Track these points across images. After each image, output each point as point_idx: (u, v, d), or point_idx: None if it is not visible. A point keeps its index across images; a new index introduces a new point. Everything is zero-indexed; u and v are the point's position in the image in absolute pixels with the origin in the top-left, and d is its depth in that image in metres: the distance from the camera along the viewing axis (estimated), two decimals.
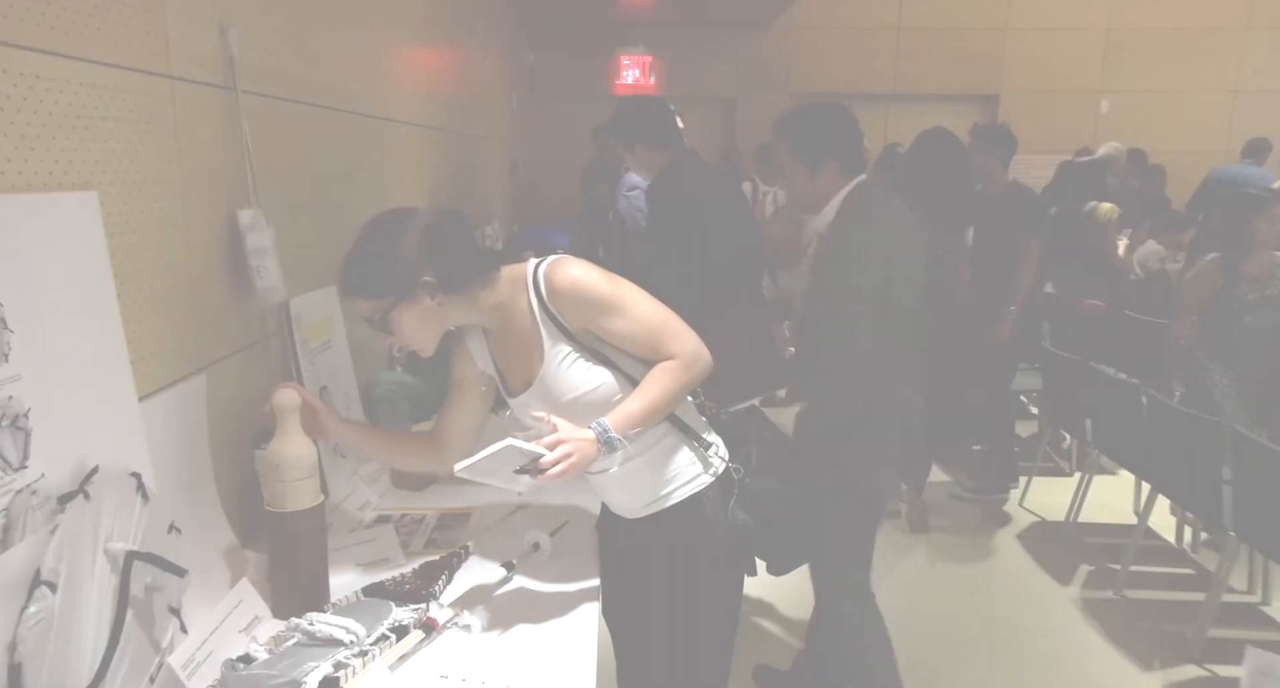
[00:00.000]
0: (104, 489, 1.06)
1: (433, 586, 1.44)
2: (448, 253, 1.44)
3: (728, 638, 1.69)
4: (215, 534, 1.46)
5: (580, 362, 1.48)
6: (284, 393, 1.37)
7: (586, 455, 1.37)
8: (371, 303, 1.42)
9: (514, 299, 1.49)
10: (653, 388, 1.48)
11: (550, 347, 1.48)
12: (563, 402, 1.48)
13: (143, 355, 1.29)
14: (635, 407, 1.45)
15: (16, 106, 1.03)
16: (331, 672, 1.15)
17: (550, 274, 1.46)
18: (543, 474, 1.33)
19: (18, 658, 0.91)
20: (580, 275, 1.46)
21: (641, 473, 1.55)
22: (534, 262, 1.50)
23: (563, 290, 1.45)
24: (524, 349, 1.52)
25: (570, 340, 1.47)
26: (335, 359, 2.00)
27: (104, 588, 1.04)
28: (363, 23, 2.46)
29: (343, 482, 1.86)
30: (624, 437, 1.40)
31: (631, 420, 1.43)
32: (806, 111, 2.23)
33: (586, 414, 1.43)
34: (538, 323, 1.48)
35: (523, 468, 1.33)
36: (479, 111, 4.77)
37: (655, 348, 1.48)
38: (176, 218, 1.39)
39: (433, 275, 1.41)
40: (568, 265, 1.47)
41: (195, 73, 1.45)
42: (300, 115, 1.95)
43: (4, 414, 0.96)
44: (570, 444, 1.35)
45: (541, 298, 1.46)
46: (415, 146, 3.15)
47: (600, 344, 1.49)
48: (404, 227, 1.43)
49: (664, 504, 1.59)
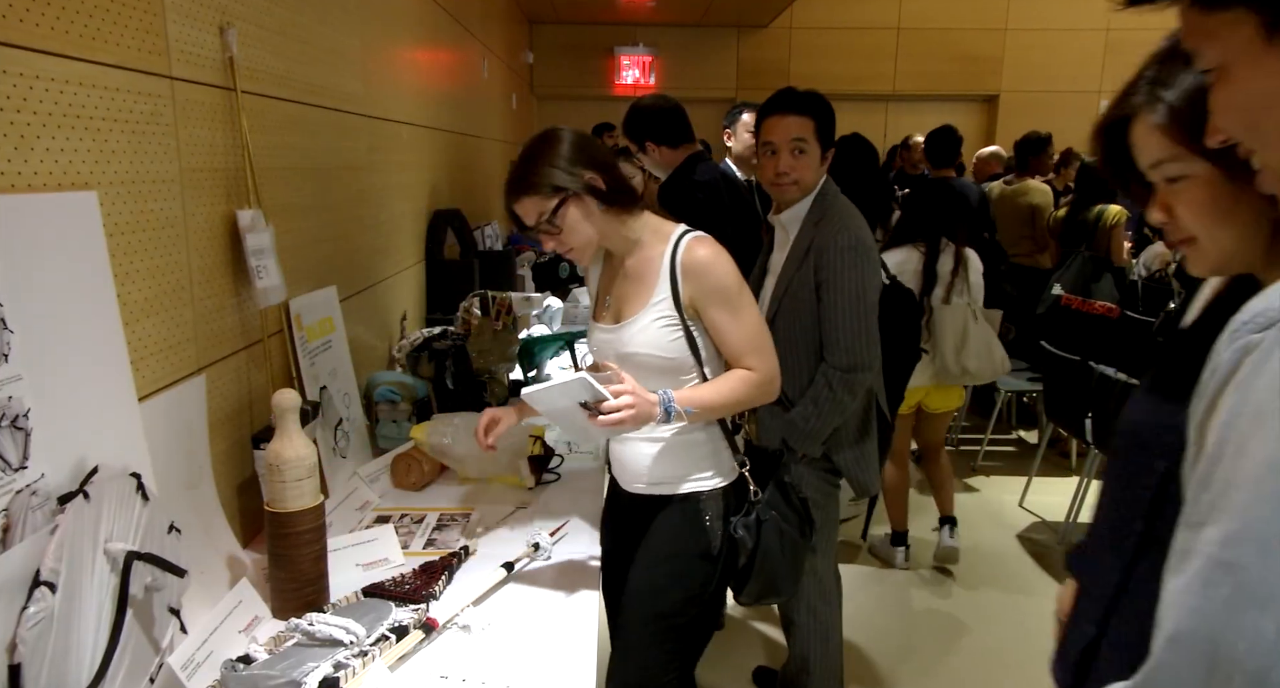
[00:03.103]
0: (104, 489, 1.06)
1: (433, 586, 1.44)
2: (608, 167, 1.60)
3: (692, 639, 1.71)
4: (215, 534, 1.46)
5: (669, 328, 1.57)
6: (284, 393, 1.37)
7: (644, 416, 1.45)
8: (543, 201, 1.55)
9: (650, 244, 1.62)
10: (726, 386, 1.58)
11: (655, 300, 1.58)
12: (625, 351, 1.60)
13: (143, 355, 1.29)
14: (706, 395, 1.55)
15: (16, 107, 1.03)
16: (331, 672, 1.15)
17: (693, 244, 1.58)
18: (598, 418, 1.42)
19: (17, 658, 0.91)
20: (717, 260, 1.57)
21: (671, 449, 1.60)
22: (684, 227, 1.64)
23: (697, 262, 1.56)
24: (632, 290, 1.63)
25: (675, 306, 1.57)
26: (335, 359, 2.00)
27: (104, 588, 1.04)
28: (363, 23, 2.46)
29: (343, 482, 1.86)
30: (685, 412, 1.50)
31: (697, 405, 1.52)
32: None
33: (642, 375, 1.52)
34: (658, 276, 1.59)
35: (584, 404, 1.42)
36: (479, 111, 4.77)
37: (740, 355, 1.59)
38: (176, 218, 1.39)
39: (600, 180, 1.56)
40: (712, 246, 1.59)
41: (195, 73, 1.45)
42: (300, 115, 1.95)
43: (4, 414, 0.96)
44: (634, 400, 1.43)
45: (675, 258, 1.57)
46: (415, 146, 3.15)
47: (695, 325, 1.59)
48: (567, 137, 1.59)
49: (669, 489, 1.62)
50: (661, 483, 1.64)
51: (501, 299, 2.74)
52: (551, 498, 1.90)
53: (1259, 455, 0.49)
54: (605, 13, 7.62)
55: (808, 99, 2.13)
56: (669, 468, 1.63)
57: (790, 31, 8.25)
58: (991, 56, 8.36)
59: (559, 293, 4.00)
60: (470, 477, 1.97)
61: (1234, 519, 0.50)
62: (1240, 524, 0.49)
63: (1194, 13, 0.67)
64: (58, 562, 0.96)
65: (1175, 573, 0.54)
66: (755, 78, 8.22)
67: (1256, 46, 0.62)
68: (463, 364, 2.33)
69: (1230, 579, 0.50)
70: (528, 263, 4.18)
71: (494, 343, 2.61)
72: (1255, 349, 0.51)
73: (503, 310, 2.72)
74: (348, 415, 1.99)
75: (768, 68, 8.23)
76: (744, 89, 8.23)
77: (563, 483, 1.98)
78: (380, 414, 2.16)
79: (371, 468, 1.96)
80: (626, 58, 8.25)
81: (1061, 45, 8.26)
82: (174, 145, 1.39)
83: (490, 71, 5.12)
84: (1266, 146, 0.66)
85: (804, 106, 2.10)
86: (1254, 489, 0.49)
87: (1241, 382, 0.52)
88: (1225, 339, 0.55)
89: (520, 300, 3.02)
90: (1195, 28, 0.68)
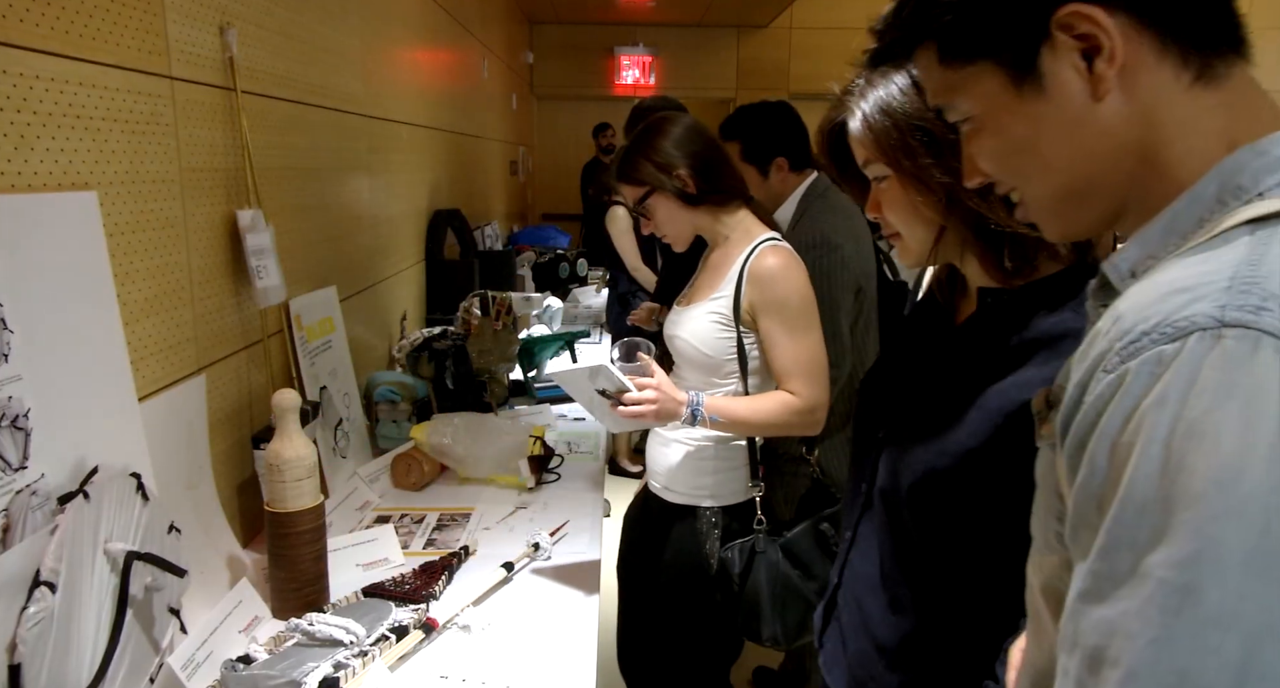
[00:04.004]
0: (104, 489, 1.06)
1: (433, 586, 1.44)
2: (707, 164, 1.60)
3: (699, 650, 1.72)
4: (215, 534, 1.46)
5: (719, 327, 1.57)
6: (284, 393, 1.37)
7: (666, 413, 1.45)
8: (634, 189, 1.60)
9: (736, 243, 1.63)
10: (761, 405, 1.55)
11: (715, 296, 1.59)
12: (673, 333, 1.68)
13: (143, 355, 1.29)
14: (738, 409, 1.53)
15: (16, 107, 1.03)
16: (331, 672, 1.15)
17: (767, 252, 1.58)
18: (619, 409, 1.43)
19: (17, 658, 0.91)
20: (786, 273, 1.56)
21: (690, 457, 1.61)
22: (771, 233, 1.64)
23: (764, 270, 1.56)
24: (705, 281, 1.65)
25: (733, 308, 1.57)
26: (335, 359, 2.00)
27: (104, 588, 1.04)
28: (363, 23, 2.46)
29: (343, 482, 1.86)
30: (710, 420, 1.49)
31: (726, 415, 1.51)
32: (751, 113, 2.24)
33: (682, 364, 1.51)
34: (728, 275, 1.59)
35: (606, 392, 1.43)
36: (479, 111, 4.77)
37: (786, 375, 1.55)
38: (176, 218, 1.39)
39: (686, 176, 1.57)
40: (784, 258, 1.57)
41: (195, 73, 1.45)
42: (300, 115, 1.95)
43: (4, 414, 0.96)
44: (658, 395, 1.43)
45: (747, 262, 1.57)
46: (415, 146, 3.15)
47: (750, 334, 1.58)
48: (674, 129, 1.60)
49: (676, 497, 1.63)
50: (670, 489, 1.64)
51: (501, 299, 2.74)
52: (551, 498, 1.90)
53: (1204, 473, 0.48)
54: (605, 13, 7.62)
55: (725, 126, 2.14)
56: (682, 475, 1.63)
57: (790, 31, 8.24)
58: None
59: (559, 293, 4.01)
60: (470, 477, 1.97)
61: (1188, 541, 0.48)
62: (1195, 546, 0.48)
63: (940, 70, 0.69)
64: (58, 562, 0.96)
65: (1107, 601, 0.51)
66: (755, 78, 8.22)
67: (1007, 95, 0.65)
68: (463, 364, 2.33)
69: (1191, 604, 0.48)
70: (528, 263, 4.18)
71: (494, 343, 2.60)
72: (1174, 360, 0.51)
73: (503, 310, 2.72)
74: (348, 415, 1.99)
75: (768, 68, 8.23)
76: (744, 89, 8.23)
77: (563, 483, 1.97)
78: (380, 414, 2.16)
79: (371, 468, 1.96)
80: (626, 58, 8.25)
81: None
82: (174, 145, 1.39)
83: (490, 71, 5.12)
84: (1026, 183, 0.69)
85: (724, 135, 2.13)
86: (1203, 509, 0.48)
87: (1163, 398, 0.50)
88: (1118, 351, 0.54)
89: (520, 300, 3.02)
90: (943, 84, 0.70)
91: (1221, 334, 0.50)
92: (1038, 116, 0.65)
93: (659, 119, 1.63)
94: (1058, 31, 0.61)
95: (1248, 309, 0.50)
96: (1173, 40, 0.60)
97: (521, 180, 6.81)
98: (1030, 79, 0.64)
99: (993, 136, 0.69)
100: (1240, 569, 0.47)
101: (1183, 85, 0.61)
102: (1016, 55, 0.64)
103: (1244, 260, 0.53)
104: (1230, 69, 0.62)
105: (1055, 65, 0.62)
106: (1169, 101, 0.61)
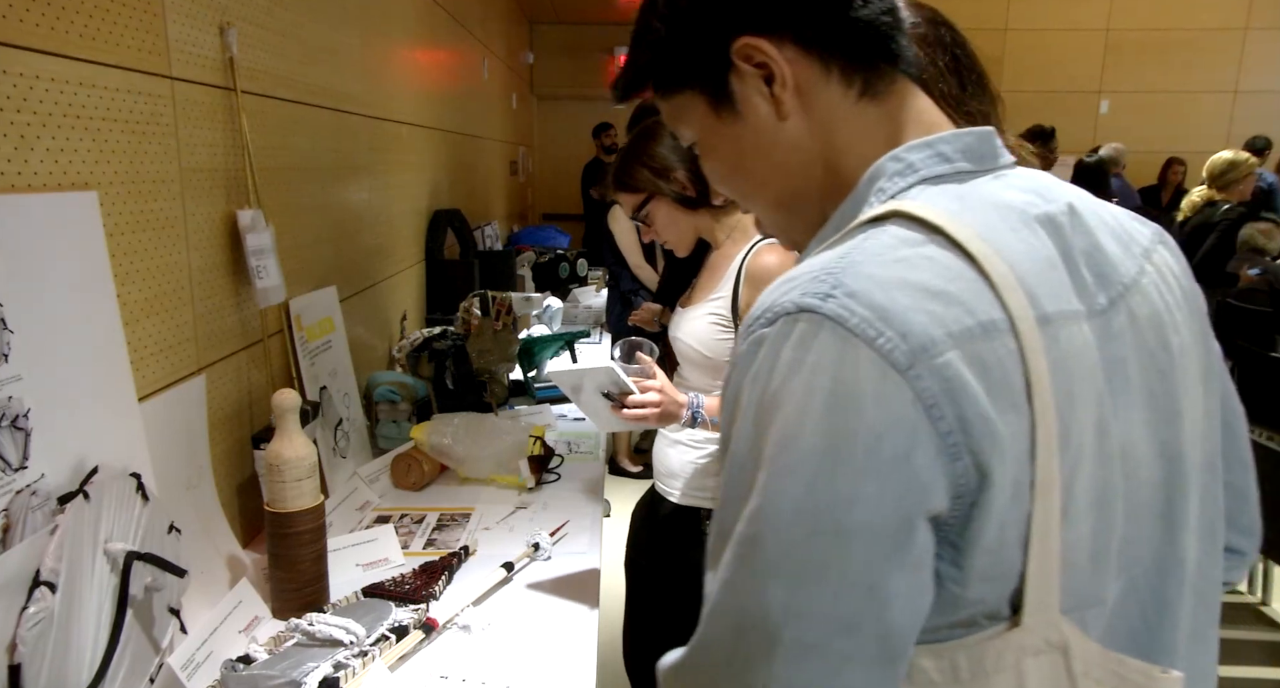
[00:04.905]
0: (104, 489, 1.06)
1: (433, 586, 1.44)
2: None
3: None
4: (215, 534, 1.46)
5: (718, 328, 1.58)
6: (284, 393, 1.37)
7: (669, 415, 1.46)
8: (633, 197, 1.61)
9: (735, 243, 1.64)
10: None
11: (714, 297, 1.60)
12: (675, 335, 1.71)
13: (143, 355, 1.29)
14: None
15: (16, 107, 1.03)
16: (331, 672, 1.15)
17: (764, 250, 1.58)
18: (622, 410, 1.43)
19: (17, 658, 0.91)
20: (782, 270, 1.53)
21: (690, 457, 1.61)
22: (759, 235, 1.64)
23: (760, 268, 1.56)
24: (705, 281, 1.66)
25: (731, 308, 1.58)
26: (335, 359, 2.00)
27: (104, 588, 1.04)
28: (363, 23, 2.46)
29: (343, 482, 1.86)
30: (711, 422, 1.50)
31: None
32: None
33: (683, 363, 1.50)
34: (726, 275, 1.60)
35: (608, 394, 1.43)
36: (479, 111, 4.77)
37: None
38: (176, 218, 1.39)
39: (684, 179, 1.57)
40: (783, 255, 1.57)
41: (195, 73, 1.45)
42: (300, 115, 1.95)
43: (4, 414, 0.96)
44: (660, 398, 1.44)
45: (744, 260, 1.59)
46: (415, 146, 3.15)
47: None
48: (666, 134, 1.60)
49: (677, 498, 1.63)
50: (677, 490, 1.65)
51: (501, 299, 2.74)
52: (551, 498, 1.90)
53: (774, 437, 0.55)
54: (605, 13, 7.62)
55: None
56: (688, 476, 1.64)
57: None
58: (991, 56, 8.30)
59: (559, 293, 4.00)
60: (470, 477, 1.97)
61: (757, 496, 0.55)
62: (760, 501, 0.55)
63: (661, 101, 0.76)
64: (58, 562, 0.96)
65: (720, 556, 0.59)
66: None
67: (712, 120, 0.72)
68: (463, 364, 2.33)
69: (753, 551, 0.55)
70: (528, 263, 4.18)
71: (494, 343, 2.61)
72: (767, 341, 0.58)
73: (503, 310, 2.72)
74: (348, 415, 1.99)
75: None
76: None
77: (563, 483, 1.97)
78: (380, 414, 2.16)
79: (371, 468, 1.96)
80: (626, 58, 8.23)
81: (1061, 45, 8.26)
82: (174, 145, 1.39)
83: (490, 72, 5.12)
84: (745, 200, 0.77)
85: None
86: (770, 469, 0.55)
87: (755, 372, 0.58)
88: (742, 333, 0.62)
89: (520, 300, 3.02)
90: (668, 114, 0.77)
91: (798, 319, 0.56)
92: (738, 138, 0.71)
93: (651, 124, 1.63)
94: (739, 61, 0.67)
95: (818, 296, 0.56)
96: (833, 62, 0.67)
97: (521, 180, 6.81)
98: (727, 104, 0.70)
99: (709, 158, 0.76)
100: (790, 522, 0.54)
101: (850, 101, 0.68)
102: (711, 84, 0.70)
103: (838, 254, 0.59)
104: (893, 84, 0.69)
105: (744, 91, 0.69)
106: (841, 116, 0.68)
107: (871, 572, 0.53)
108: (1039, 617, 0.57)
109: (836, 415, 0.53)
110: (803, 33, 0.66)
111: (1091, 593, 0.60)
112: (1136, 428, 0.64)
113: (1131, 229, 0.71)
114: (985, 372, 0.54)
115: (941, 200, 0.62)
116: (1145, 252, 0.70)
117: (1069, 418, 0.57)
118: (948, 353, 0.54)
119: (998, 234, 0.60)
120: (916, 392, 0.53)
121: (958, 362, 0.54)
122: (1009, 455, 0.54)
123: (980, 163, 0.67)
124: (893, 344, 0.53)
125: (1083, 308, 0.61)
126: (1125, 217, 0.72)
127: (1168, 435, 0.66)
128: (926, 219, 0.59)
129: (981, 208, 0.62)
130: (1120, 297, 0.65)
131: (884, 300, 0.55)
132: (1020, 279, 0.58)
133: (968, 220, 0.60)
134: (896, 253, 0.58)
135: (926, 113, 0.70)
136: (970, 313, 0.55)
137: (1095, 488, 0.59)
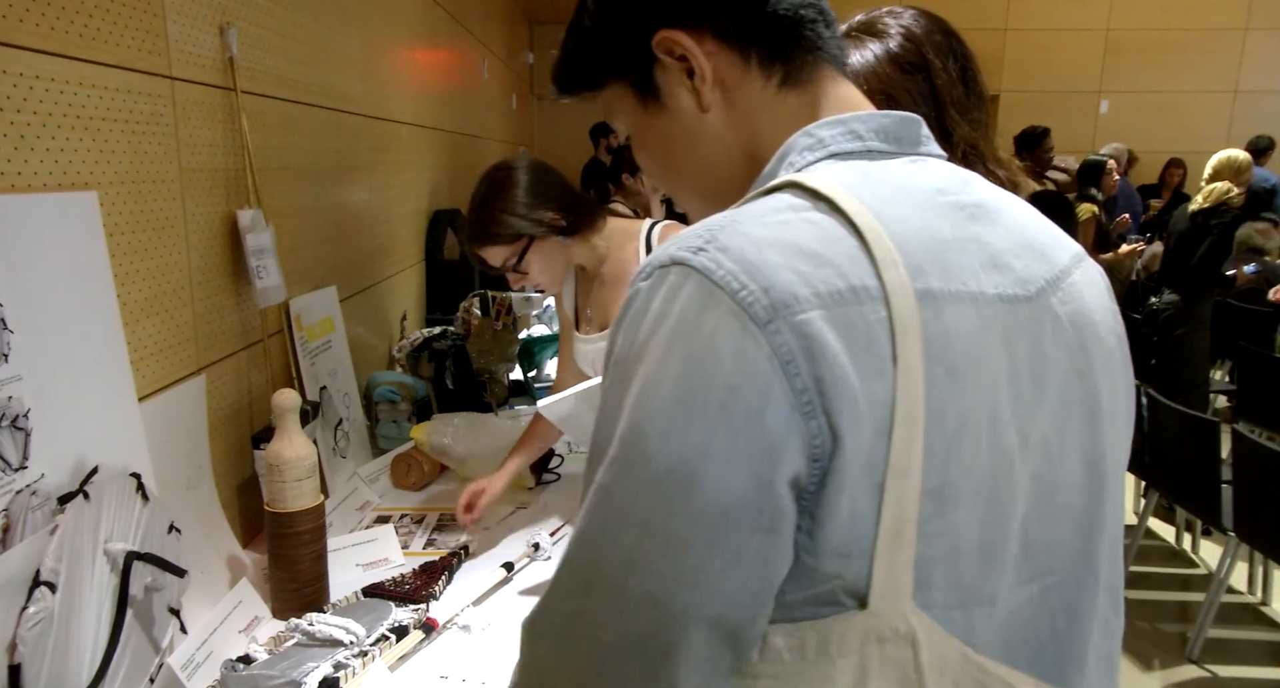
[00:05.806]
0: (104, 489, 1.06)
1: (433, 586, 1.44)
2: (565, 197, 1.57)
3: None
4: (215, 534, 1.46)
5: None
6: (284, 393, 1.37)
7: None
8: (508, 248, 1.56)
9: (621, 245, 1.62)
10: None
11: None
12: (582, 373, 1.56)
13: (143, 355, 1.29)
14: None
15: (16, 107, 1.03)
16: (331, 672, 1.15)
17: (666, 231, 1.57)
18: None
19: (17, 658, 0.91)
20: None
21: None
22: (650, 221, 1.62)
23: None
24: (611, 294, 1.62)
25: None
26: (335, 359, 2.00)
27: (104, 588, 1.04)
28: (363, 23, 2.46)
29: (343, 482, 1.86)
30: None
31: None
32: None
33: None
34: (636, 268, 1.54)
35: None
36: (479, 111, 4.77)
37: None
38: (176, 218, 1.39)
39: (560, 217, 1.54)
40: None
41: (195, 73, 1.45)
42: (300, 115, 1.95)
43: (4, 414, 0.96)
44: None
45: (649, 248, 1.58)
46: (415, 146, 3.15)
47: None
48: (521, 177, 1.56)
49: None
50: None
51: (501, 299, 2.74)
52: (551, 498, 1.90)
53: (634, 387, 0.55)
54: None
55: None
56: None
57: None
58: (992, 56, 8.35)
59: None
60: (470, 477, 1.97)
61: (615, 447, 0.55)
62: (616, 451, 0.55)
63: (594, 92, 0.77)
64: (58, 562, 0.96)
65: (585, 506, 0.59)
66: None
67: (640, 112, 0.72)
68: (463, 364, 2.33)
69: (606, 501, 0.55)
70: None
71: (494, 343, 2.61)
72: (642, 292, 0.58)
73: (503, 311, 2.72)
74: (348, 415, 1.99)
75: None
76: None
77: (563, 483, 1.98)
78: (380, 414, 2.16)
79: (371, 468, 1.96)
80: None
81: (1061, 45, 8.26)
82: (174, 145, 1.39)
83: (490, 72, 5.12)
84: (675, 192, 0.78)
85: None
86: (628, 419, 0.55)
87: (627, 324, 0.58)
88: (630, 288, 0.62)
89: (520, 300, 3.02)
90: (602, 107, 0.77)
91: (669, 271, 0.56)
92: (665, 129, 0.72)
93: (501, 176, 1.58)
94: (661, 54, 0.68)
95: (691, 249, 0.56)
96: (752, 54, 0.68)
97: None
98: (652, 97, 0.71)
99: (640, 151, 0.76)
100: (639, 474, 0.54)
101: (771, 91, 0.68)
102: (636, 77, 0.71)
103: (724, 215, 0.59)
104: (814, 72, 0.69)
105: (668, 84, 0.69)
106: (762, 106, 0.69)
107: (718, 529, 0.52)
108: (886, 602, 0.55)
109: (694, 367, 0.53)
110: (721, 26, 0.67)
111: (978, 589, 0.58)
112: (1052, 426, 0.62)
113: (1059, 237, 0.70)
114: (851, 335, 0.53)
115: (844, 175, 0.62)
116: (1075, 257, 0.69)
117: (946, 396, 0.55)
118: (810, 312, 0.53)
119: (896, 210, 0.59)
120: (773, 347, 0.52)
121: (820, 320, 0.53)
122: (864, 421, 0.53)
123: (897, 145, 0.66)
124: (754, 298, 0.53)
125: (985, 292, 0.60)
126: (1053, 227, 0.71)
127: (1087, 440, 0.65)
128: (817, 190, 0.59)
129: (884, 185, 0.62)
130: (1040, 293, 0.63)
131: (754, 256, 0.54)
132: (909, 254, 0.56)
133: (864, 195, 0.59)
134: (779, 215, 0.58)
135: (849, 99, 0.70)
136: (842, 276, 0.55)
137: (986, 477, 0.57)
